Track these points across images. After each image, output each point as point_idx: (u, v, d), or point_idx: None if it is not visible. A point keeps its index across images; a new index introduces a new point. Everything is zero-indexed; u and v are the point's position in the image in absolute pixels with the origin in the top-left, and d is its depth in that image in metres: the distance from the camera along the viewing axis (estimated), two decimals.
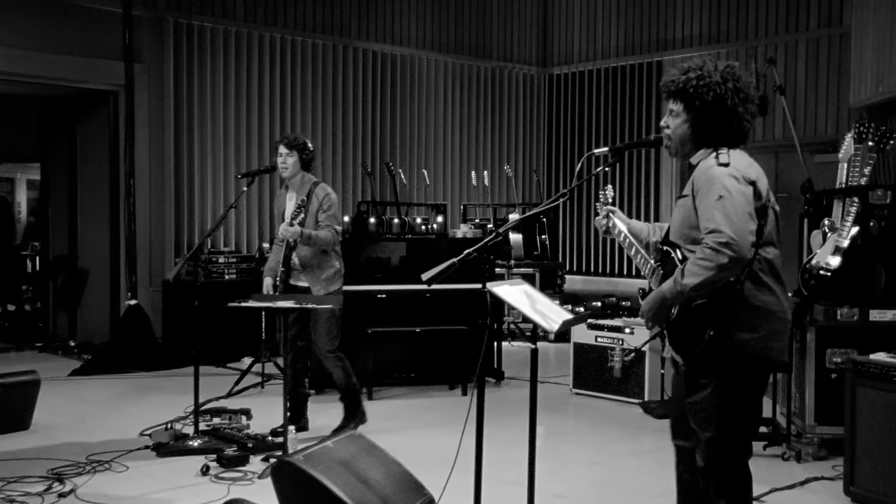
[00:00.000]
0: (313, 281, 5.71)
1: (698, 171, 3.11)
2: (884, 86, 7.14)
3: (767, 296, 3.06)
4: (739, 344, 3.01)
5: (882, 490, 4.38)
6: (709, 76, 3.14)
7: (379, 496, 3.83)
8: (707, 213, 2.95)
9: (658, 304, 3.10)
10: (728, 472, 3.14)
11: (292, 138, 5.83)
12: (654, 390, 6.72)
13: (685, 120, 3.21)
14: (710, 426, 3.11)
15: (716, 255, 2.88)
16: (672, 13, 10.96)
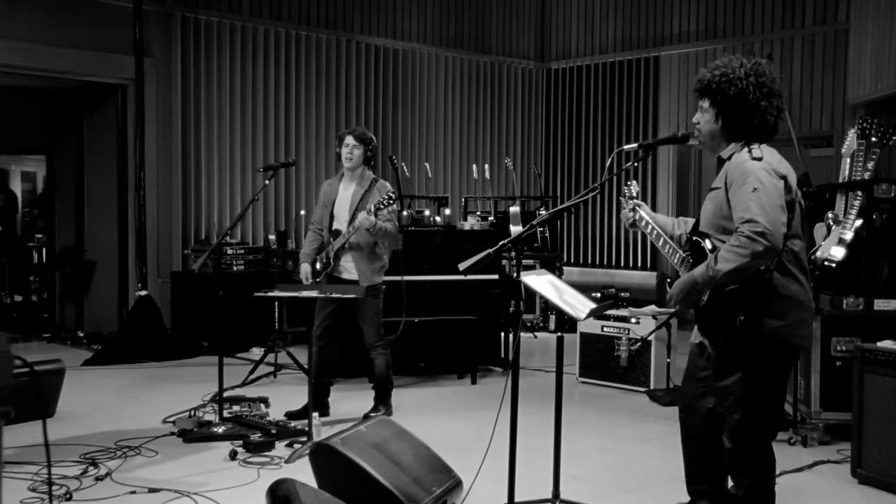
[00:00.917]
0: (360, 271, 5.84)
1: (731, 164, 3.28)
2: (882, 83, 7.33)
3: (795, 286, 3.24)
4: (769, 330, 3.18)
5: (888, 472, 4.57)
6: (732, 73, 3.32)
7: (411, 477, 3.99)
8: (742, 203, 3.12)
9: (689, 287, 3.27)
10: (754, 453, 3.32)
11: (360, 132, 5.95)
12: (659, 379, 6.90)
13: (713, 116, 3.37)
14: (738, 409, 3.28)
15: (751, 242, 3.05)
16: (669, 9, 11.13)
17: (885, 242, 5.40)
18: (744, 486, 3.40)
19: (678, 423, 5.24)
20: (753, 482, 3.39)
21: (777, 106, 3.35)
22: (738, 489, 3.42)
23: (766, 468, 3.39)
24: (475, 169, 10.73)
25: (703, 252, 3.31)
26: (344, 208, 5.93)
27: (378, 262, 5.90)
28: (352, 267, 5.89)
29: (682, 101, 11.02)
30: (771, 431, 3.45)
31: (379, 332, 5.95)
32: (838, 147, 9.31)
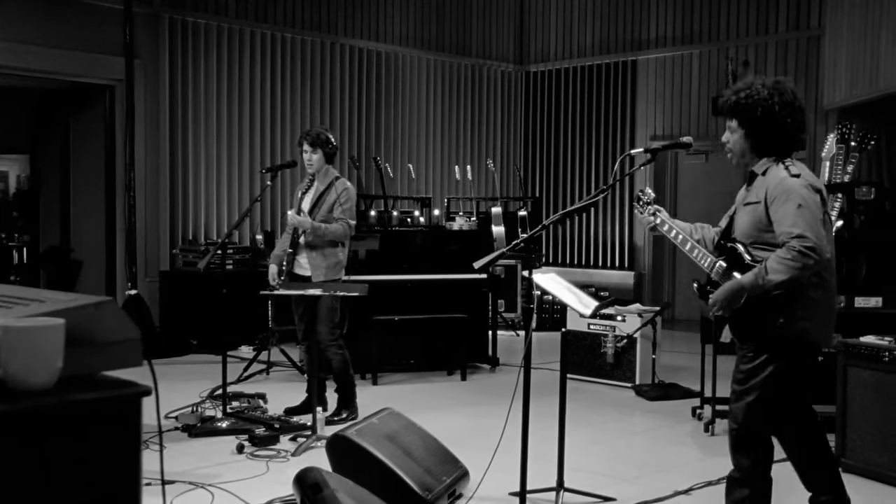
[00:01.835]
0: (315, 268, 5.92)
1: (771, 180, 3.48)
2: (857, 88, 7.60)
3: (821, 291, 3.49)
4: (798, 330, 3.43)
5: (871, 460, 4.81)
6: (756, 93, 3.52)
7: (422, 467, 4.17)
8: (789, 219, 3.34)
9: (735, 293, 3.47)
10: (758, 438, 3.53)
11: (314, 135, 6.00)
12: (645, 374, 7.12)
13: (742, 135, 3.58)
14: (753, 392, 3.50)
15: (802, 257, 3.28)
16: (647, 14, 11.39)
17: (864, 242, 5.65)
18: (742, 467, 3.61)
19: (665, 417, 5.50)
20: (752, 464, 3.59)
21: (800, 121, 3.57)
22: (738, 471, 3.63)
23: (765, 454, 3.60)
24: (457, 170, 10.91)
25: (740, 258, 3.52)
26: (307, 206, 6.04)
27: (333, 258, 5.94)
28: (306, 263, 5.95)
29: (660, 103, 11.28)
30: (776, 422, 3.66)
31: (333, 330, 5.98)
32: (811, 150, 9.63)
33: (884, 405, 4.73)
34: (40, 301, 1.57)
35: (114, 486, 1.52)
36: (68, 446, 1.43)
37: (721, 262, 3.65)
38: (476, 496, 4.35)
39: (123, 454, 1.53)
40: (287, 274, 5.93)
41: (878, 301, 5.52)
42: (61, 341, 1.43)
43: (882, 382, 4.75)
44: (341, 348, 6.01)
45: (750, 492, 3.60)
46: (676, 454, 5.41)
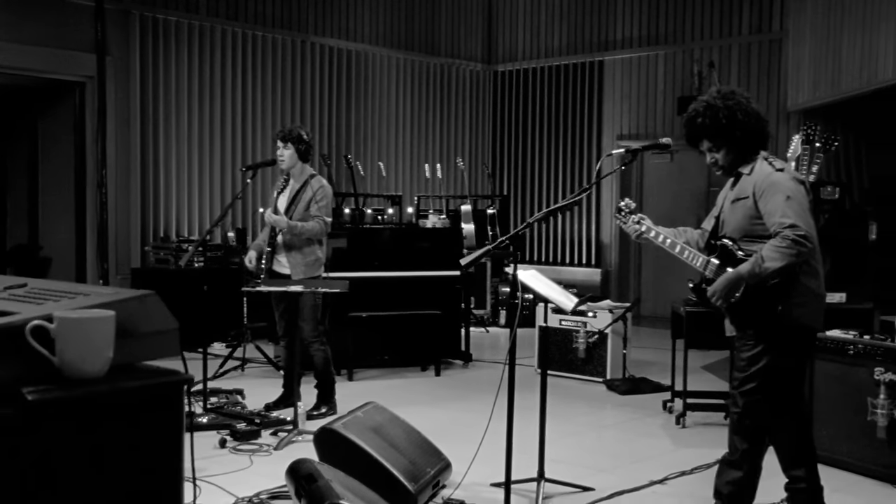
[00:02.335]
0: (294, 265, 5.99)
1: (758, 176, 3.66)
2: (820, 91, 7.83)
3: (813, 279, 3.67)
4: (795, 316, 3.61)
5: (836, 450, 4.99)
6: (714, 109, 3.71)
7: (407, 458, 4.27)
8: (779, 210, 3.52)
9: (734, 282, 3.63)
10: (759, 423, 3.69)
11: (287, 131, 6.09)
12: (616, 369, 7.28)
13: (726, 150, 3.75)
14: (755, 379, 3.66)
15: (796, 244, 3.45)
16: (613, 15, 11.57)
17: (828, 241, 5.83)
18: (739, 450, 3.77)
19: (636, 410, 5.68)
20: (751, 448, 3.75)
21: (763, 116, 3.75)
22: (733, 454, 3.78)
23: (762, 438, 3.77)
24: (427, 168, 11.02)
25: (731, 254, 3.68)
26: (283, 205, 6.11)
27: (311, 256, 6.02)
28: (286, 261, 6.03)
29: (626, 103, 11.47)
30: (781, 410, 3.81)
31: (316, 327, 6.06)
32: (773, 150, 9.85)
33: (849, 397, 4.92)
34: (84, 294, 1.65)
35: (161, 466, 1.61)
36: (120, 430, 1.52)
37: (713, 259, 3.81)
38: (460, 486, 4.45)
39: (169, 436, 1.62)
40: (267, 272, 5.99)
41: (842, 297, 5.72)
42: (112, 332, 1.51)
43: (847, 375, 4.93)
44: (324, 345, 6.09)
45: (742, 475, 3.78)
46: (650, 446, 5.56)
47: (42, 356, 1.47)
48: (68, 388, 1.46)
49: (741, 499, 3.81)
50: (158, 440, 1.60)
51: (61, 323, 1.48)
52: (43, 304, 1.60)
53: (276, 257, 6.05)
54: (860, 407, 4.83)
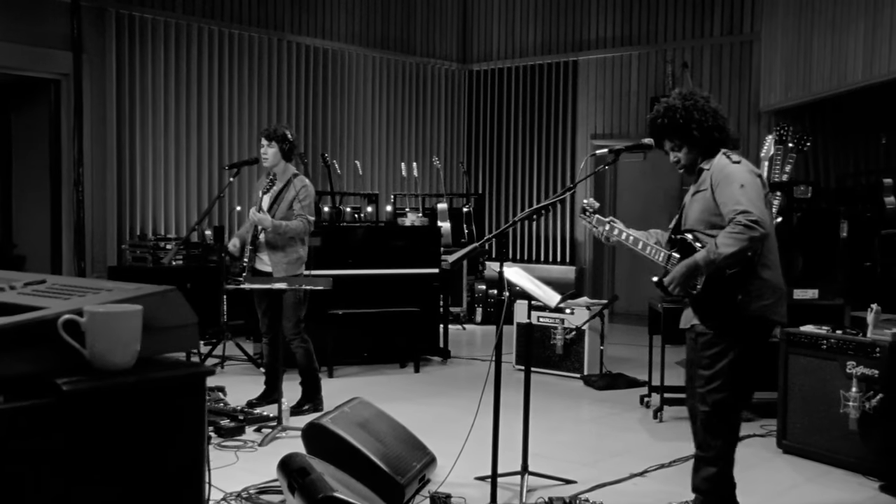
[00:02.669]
0: (275, 264, 6.04)
1: (715, 168, 3.77)
2: (791, 92, 7.98)
3: (770, 272, 3.76)
4: (756, 308, 3.70)
5: (809, 441, 5.14)
6: (673, 109, 3.83)
7: (394, 453, 4.34)
8: (733, 198, 3.61)
9: (690, 270, 3.73)
10: (728, 420, 3.79)
11: (271, 130, 6.13)
12: (593, 365, 7.39)
13: (687, 149, 3.86)
14: (721, 377, 3.75)
15: (748, 230, 3.55)
16: (587, 16, 11.69)
17: (801, 239, 5.99)
18: (713, 447, 3.86)
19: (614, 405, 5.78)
20: (724, 443, 3.85)
21: (721, 114, 3.86)
22: (706, 451, 3.88)
23: (734, 433, 3.87)
24: (403, 167, 11.08)
25: (690, 246, 3.77)
26: (266, 204, 6.13)
27: (293, 254, 6.07)
28: (268, 259, 6.06)
29: (600, 103, 11.60)
30: (743, 400, 3.93)
31: (298, 324, 6.11)
32: (744, 150, 10.04)
33: (821, 390, 5.06)
34: (107, 290, 1.71)
35: (185, 451, 1.67)
36: (147, 418, 1.58)
37: (674, 253, 3.91)
38: (445, 481, 4.52)
39: (192, 425, 1.68)
40: (249, 270, 6.03)
41: (814, 293, 5.86)
42: (139, 326, 1.57)
43: (820, 368, 5.07)
44: (305, 341, 6.14)
45: (717, 470, 3.87)
46: (629, 440, 5.67)
47: (73, 349, 1.53)
48: (99, 379, 1.52)
49: (721, 493, 3.91)
50: (183, 427, 1.66)
51: (91, 317, 1.54)
52: (69, 298, 1.65)
53: (258, 255, 6.09)
54: (833, 400, 4.97)
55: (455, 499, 4.26)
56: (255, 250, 6.09)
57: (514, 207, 12.36)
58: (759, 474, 4.90)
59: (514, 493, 4.42)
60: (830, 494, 4.61)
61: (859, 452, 4.85)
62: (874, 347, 4.78)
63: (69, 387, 1.46)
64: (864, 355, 4.82)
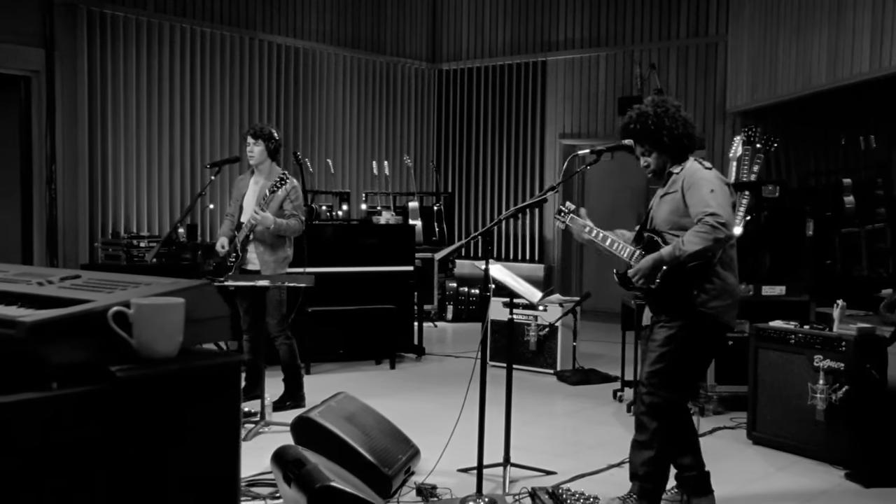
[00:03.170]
0: (264, 262, 6.10)
1: (687, 172, 3.92)
2: (758, 93, 8.19)
3: (731, 277, 3.93)
4: (710, 306, 3.86)
5: (778, 432, 5.33)
6: (645, 115, 4.00)
7: (380, 445, 4.45)
8: (703, 200, 3.77)
9: (655, 264, 3.89)
10: (666, 404, 3.94)
11: (258, 128, 6.20)
12: (566, 361, 7.55)
13: (657, 154, 4.02)
14: (664, 361, 3.92)
15: (714, 230, 3.71)
16: (556, 17, 11.86)
17: (769, 237, 6.18)
18: (649, 430, 3.99)
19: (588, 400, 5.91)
20: (659, 427, 3.98)
21: (689, 122, 4.02)
22: (643, 433, 4.02)
23: (671, 418, 4.00)
24: (375, 165, 11.17)
25: (656, 245, 3.92)
26: (251, 202, 6.19)
27: (281, 253, 6.15)
28: (255, 258, 6.12)
29: (568, 103, 11.77)
30: (685, 389, 4.09)
31: (282, 322, 6.20)
32: (710, 149, 10.27)
33: (790, 383, 5.25)
34: (146, 284, 1.80)
35: (223, 434, 1.78)
36: (190, 403, 1.68)
37: (639, 249, 4.07)
38: (429, 473, 4.63)
39: (229, 410, 1.79)
40: (237, 269, 6.08)
41: (781, 290, 6.05)
42: (182, 317, 1.66)
43: (788, 363, 5.26)
44: (289, 338, 6.22)
45: (654, 454, 4.01)
46: (603, 432, 5.83)
47: (121, 338, 1.62)
48: (148, 367, 1.62)
49: (656, 477, 4.04)
50: (220, 411, 1.77)
51: (139, 309, 1.63)
52: (113, 292, 1.74)
53: (247, 254, 6.13)
54: (801, 392, 5.16)
55: (440, 489, 4.38)
56: (245, 249, 6.12)
57: (484, 206, 12.51)
58: (731, 465, 5.07)
59: (498, 484, 4.55)
60: (800, 483, 4.80)
61: (826, 442, 5.05)
62: (840, 341, 4.97)
63: (123, 373, 1.55)
64: (831, 349, 5.02)
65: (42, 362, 1.52)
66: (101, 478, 1.54)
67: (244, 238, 6.10)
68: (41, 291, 1.79)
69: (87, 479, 1.53)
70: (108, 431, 1.57)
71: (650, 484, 4.01)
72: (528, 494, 4.34)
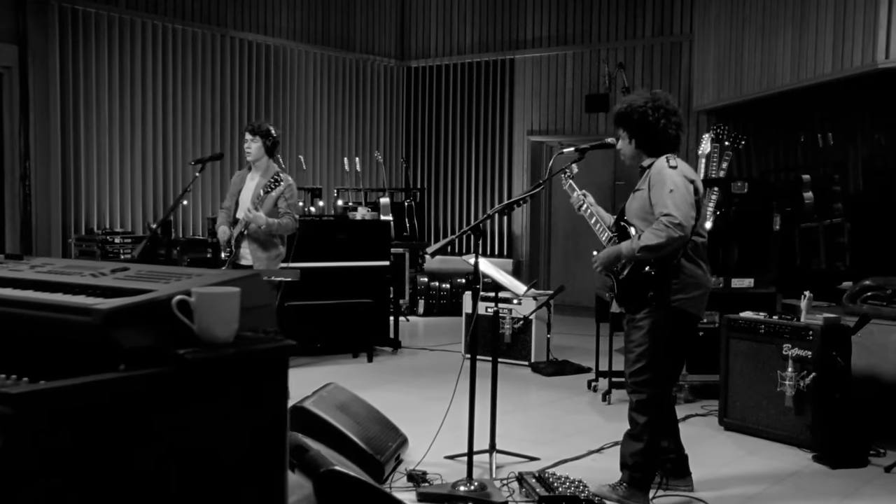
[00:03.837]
0: (257, 259, 6.20)
1: (653, 170, 4.12)
2: (724, 93, 8.45)
3: (697, 270, 4.14)
4: (674, 301, 4.05)
5: (748, 418, 5.57)
6: (633, 104, 4.17)
7: (371, 433, 4.60)
8: (662, 200, 3.97)
9: (614, 256, 4.14)
10: (651, 399, 4.15)
11: (256, 125, 6.29)
12: (540, 353, 7.74)
13: (628, 139, 4.21)
14: (642, 359, 4.13)
15: (667, 230, 3.91)
16: (523, 16, 12.06)
17: (737, 231, 6.42)
18: (639, 424, 4.21)
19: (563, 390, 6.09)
20: (649, 421, 4.19)
21: (675, 122, 4.21)
22: (633, 427, 4.23)
23: (659, 411, 4.22)
24: (346, 161, 11.29)
25: (628, 233, 4.14)
26: (247, 198, 6.26)
27: (274, 250, 6.23)
28: (249, 254, 6.20)
29: (536, 100, 11.98)
30: (667, 382, 4.30)
31: None
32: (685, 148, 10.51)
33: (760, 371, 5.48)
34: (197, 275, 1.93)
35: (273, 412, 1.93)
36: (245, 384, 1.83)
37: (614, 237, 4.28)
38: (417, 461, 4.78)
39: (279, 391, 1.94)
40: (230, 264, 6.16)
41: (750, 282, 6.30)
42: (238, 305, 1.80)
43: (758, 352, 5.50)
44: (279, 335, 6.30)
45: (644, 446, 4.22)
46: (581, 421, 6.03)
47: (183, 324, 1.75)
48: (210, 351, 1.76)
49: (645, 467, 4.26)
50: (272, 392, 1.92)
51: (200, 297, 1.77)
52: (170, 282, 1.87)
53: (241, 250, 6.21)
54: (770, 379, 5.39)
55: (430, 475, 4.53)
56: (238, 246, 6.19)
57: (453, 201, 12.68)
58: (704, 449, 5.29)
59: (485, 470, 4.71)
60: (770, 465, 5.03)
61: (794, 427, 5.29)
62: (808, 331, 5.21)
63: (190, 356, 1.69)
64: (799, 338, 5.25)
65: (114, 346, 1.65)
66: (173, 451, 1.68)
67: (238, 234, 6.17)
68: (100, 282, 1.91)
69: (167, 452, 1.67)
70: (175, 408, 1.71)
71: (639, 473, 4.21)
72: (515, 479, 4.50)
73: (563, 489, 4.18)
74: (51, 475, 1.52)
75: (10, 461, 1.45)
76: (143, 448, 1.66)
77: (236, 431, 1.84)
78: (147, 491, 1.68)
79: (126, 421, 1.63)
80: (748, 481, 4.75)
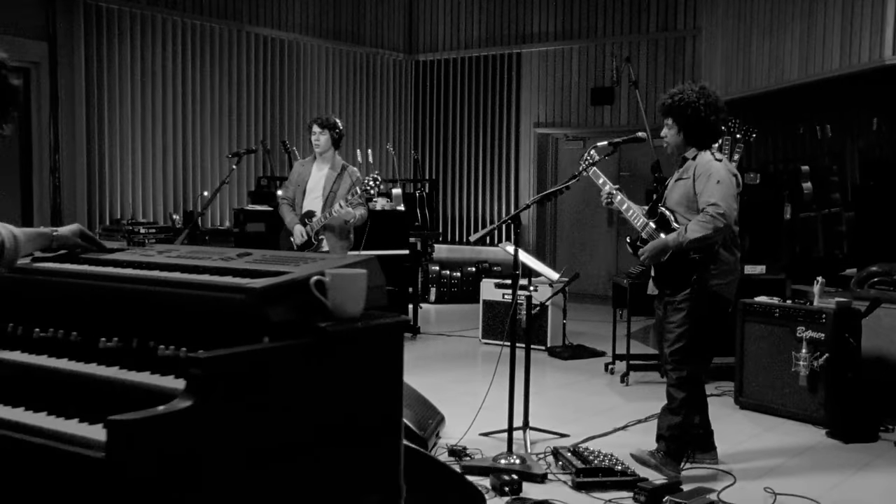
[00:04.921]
0: (332, 248, 6.46)
1: (700, 162, 4.38)
2: (732, 87, 8.73)
3: (732, 257, 4.41)
4: (712, 286, 4.34)
5: (762, 398, 5.88)
6: (687, 97, 4.42)
7: (413, 411, 4.88)
8: (709, 191, 4.23)
9: (660, 248, 4.38)
10: (690, 375, 4.44)
11: (325, 118, 6.58)
12: (556, 338, 8.03)
13: (677, 130, 4.47)
14: (682, 340, 4.41)
15: (714, 220, 4.17)
16: (530, 10, 12.33)
17: (750, 220, 6.70)
18: (676, 399, 4.51)
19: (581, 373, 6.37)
20: (687, 396, 4.50)
21: (722, 118, 4.49)
22: (671, 402, 4.53)
23: (696, 387, 4.53)
24: (360, 153, 11.54)
25: (668, 222, 4.41)
26: (317, 188, 6.53)
27: (346, 240, 6.56)
28: (325, 244, 6.51)
29: (542, 94, 12.25)
30: (704, 361, 4.59)
31: None
32: None
33: (775, 352, 5.79)
34: (322, 259, 2.20)
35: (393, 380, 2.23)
36: (372, 354, 2.12)
37: (651, 223, 4.55)
38: (453, 438, 5.06)
39: (397, 362, 2.23)
40: None
41: (762, 269, 6.60)
42: (365, 285, 2.08)
43: (773, 334, 5.80)
44: None
45: (681, 419, 4.53)
46: (602, 401, 6.32)
47: (319, 301, 2.03)
48: (344, 324, 2.03)
49: (680, 440, 4.57)
50: (391, 362, 2.21)
51: (334, 278, 2.04)
52: (301, 265, 2.14)
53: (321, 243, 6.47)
54: (784, 360, 5.70)
55: (470, 450, 4.82)
56: (319, 238, 6.43)
57: (462, 192, 12.95)
58: (722, 427, 5.57)
59: (520, 445, 4.99)
60: (786, 440, 5.33)
61: (808, 405, 5.60)
62: (821, 314, 5.51)
63: (331, 328, 1.97)
64: (812, 321, 5.56)
65: (263, 320, 1.93)
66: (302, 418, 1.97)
67: (319, 227, 6.40)
68: (236, 265, 2.18)
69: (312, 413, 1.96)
70: (318, 374, 1.99)
71: (675, 444, 4.52)
72: (551, 453, 4.80)
73: (598, 462, 4.47)
74: (228, 433, 1.80)
75: (199, 419, 1.73)
76: (295, 411, 1.94)
77: (367, 394, 2.12)
78: (300, 448, 1.97)
79: (281, 384, 1.92)
80: (768, 455, 5.05)
